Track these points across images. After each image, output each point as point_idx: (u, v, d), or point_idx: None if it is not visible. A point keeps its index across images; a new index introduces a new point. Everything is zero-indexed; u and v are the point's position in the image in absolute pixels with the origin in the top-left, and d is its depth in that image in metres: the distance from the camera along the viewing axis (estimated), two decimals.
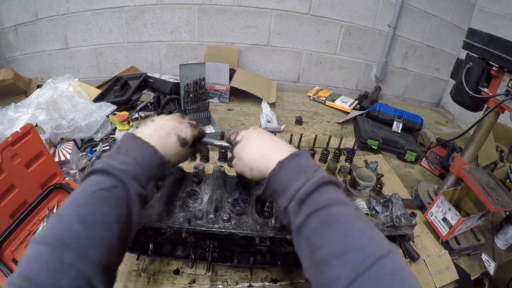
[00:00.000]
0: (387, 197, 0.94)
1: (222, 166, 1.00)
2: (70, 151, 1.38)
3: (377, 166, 1.45)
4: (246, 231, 0.80)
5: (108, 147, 1.49)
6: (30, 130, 1.11)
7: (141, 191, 0.60)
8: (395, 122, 1.87)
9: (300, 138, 1.47)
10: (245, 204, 0.86)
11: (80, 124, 1.48)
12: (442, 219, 1.19)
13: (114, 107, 1.61)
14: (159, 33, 2.22)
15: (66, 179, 1.25)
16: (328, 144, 1.46)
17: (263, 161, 0.66)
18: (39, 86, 1.89)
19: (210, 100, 2.05)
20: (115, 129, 1.37)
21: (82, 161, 1.40)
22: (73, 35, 2.19)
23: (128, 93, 1.84)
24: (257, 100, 2.07)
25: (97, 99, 1.76)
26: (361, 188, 0.88)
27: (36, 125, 1.46)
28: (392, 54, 2.45)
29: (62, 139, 1.48)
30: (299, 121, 1.93)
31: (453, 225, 1.13)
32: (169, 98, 1.72)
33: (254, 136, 0.73)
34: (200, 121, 1.72)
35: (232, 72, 2.16)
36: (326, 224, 0.53)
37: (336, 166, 1.45)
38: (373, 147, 1.73)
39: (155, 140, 0.66)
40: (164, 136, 0.69)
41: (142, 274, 0.99)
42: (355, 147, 1.56)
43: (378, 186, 0.98)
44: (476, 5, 2.33)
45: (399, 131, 1.86)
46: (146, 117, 1.78)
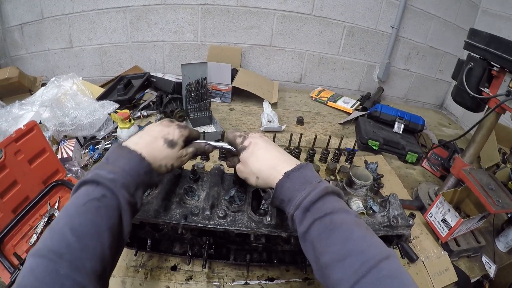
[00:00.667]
0: (385, 197, 0.94)
1: (222, 165, 1.01)
2: (72, 148, 1.40)
3: (377, 166, 1.45)
4: (241, 228, 0.80)
5: (110, 145, 1.51)
6: (33, 127, 1.12)
7: (130, 199, 0.61)
8: (396, 123, 1.87)
9: (300, 138, 1.47)
10: (241, 202, 0.86)
11: (83, 122, 1.50)
12: (442, 220, 1.18)
13: (117, 105, 1.62)
14: (163, 33, 2.24)
15: (68, 175, 1.27)
16: (328, 144, 1.46)
17: (271, 171, 0.68)
18: (43, 84, 1.91)
19: (212, 99, 2.06)
20: (117, 127, 1.38)
21: (84, 159, 1.41)
22: (78, 34, 2.21)
23: (131, 92, 1.86)
24: (259, 100, 2.07)
25: (101, 98, 1.78)
26: (357, 187, 0.88)
27: (40, 122, 1.47)
28: (395, 55, 2.44)
29: (65, 136, 1.49)
30: (300, 121, 1.93)
31: (452, 226, 1.13)
32: (171, 97, 1.73)
33: (261, 144, 0.74)
34: (201, 120, 1.73)
35: (234, 72, 2.17)
36: (329, 230, 0.57)
37: (336, 166, 1.45)
38: (374, 147, 1.72)
39: (142, 147, 0.66)
40: (150, 142, 0.69)
41: (140, 269, 1.00)
42: (356, 148, 1.56)
43: (376, 185, 0.98)
44: (480, 7, 2.32)
45: (401, 132, 1.85)
46: (149, 115, 1.80)
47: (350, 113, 2.12)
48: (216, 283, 0.99)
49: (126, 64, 2.33)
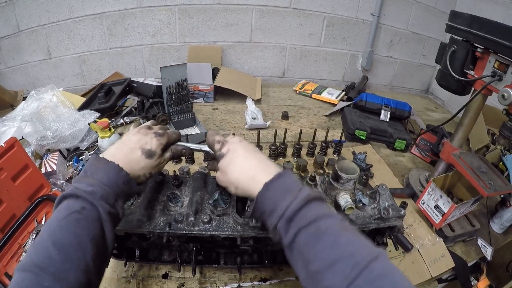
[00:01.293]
0: (375, 188, 0.93)
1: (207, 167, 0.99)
2: (56, 161, 1.37)
3: (365, 156, 1.43)
4: (227, 232, 0.78)
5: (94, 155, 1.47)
6: (14, 143, 1.12)
7: (111, 210, 0.61)
8: (382, 111, 1.86)
9: (285, 134, 1.44)
10: (226, 205, 0.84)
11: (65, 134, 1.46)
12: (434, 207, 1.17)
13: (97, 114, 1.59)
14: (141, 37, 2.20)
15: (54, 189, 1.25)
16: (314, 137, 1.44)
17: (249, 182, 0.67)
18: (24, 98, 1.87)
19: (195, 100, 2.04)
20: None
21: (68, 171, 1.39)
22: (56, 44, 2.17)
23: (112, 99, 1.82)
24: (243, 97, 2.05)
25: (82, 107, 1.74)
26: (344, 181, 0.85)
27: (22, 138, 1.46)
28: (377, 43, 2.44)
29: (48, 150, 1.46)
30: (285, 116, 1.92)
31: (445, 212, 1.12)
32: (152, 102, 1.70)
33: (239, 151, 0.71)
34: (184, 122, 1.71)
35: (216, 71, 2.15)
36: (315, 237, 0.56)
37: (324, 159, 1.43)
38: (362, 137, 1.71)
39: (119, 158, 0.67)
40: (128, 153, 0.69)
41: (132, 280, 0.98)
42: (343, 139, 1.55)
43: (364, 178, 0.96)
44: None
45: (388, 120, 1.84)
46: (131, 122, 1.76)
47: (336, 104, 2.11)
48: None
49: (106, 71, 2.28)
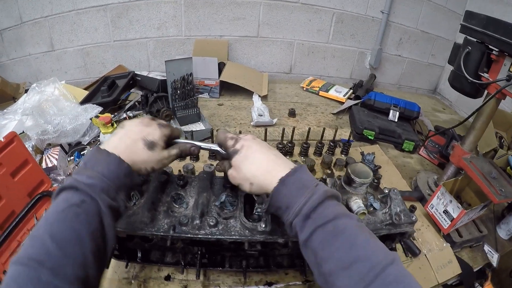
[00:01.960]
0: (385, 192, 0.90)
1: (212, 165, 0.96)
2: (57, 156, 1.35)
3: (374, 157, 1.40)
4: (234, 237, 0.76)
5: None
6: (13, 138, 1.10)
7: (111, 203, 0.59)
8: (391, 111, 1.83)
9: (293, 132, 1.41)
10: (233, 207, 0.81)
11: (66, 128, 1.44)
12: (443, 212, 1.15)
13: (100, 108, 1.56)
14: (146, 30, 2.17)
15: (54, 185, 1.23)
16: (322, 136, 1.41)
17: (266, 176, 0.65)
18: (26, 90, 1.85)
19: (200, 95, 2.01)
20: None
21: (70, 166, 1.37)
22: (59, 36, 2.14)
23: (115, 93, 1.79)
24: (249, 93, 2.03)
25: (84, 101, 1.71)
26: (356, 185, 0.83)
27: (23, 132, 1.43)
28: (386, 41, 2.40)
29: (49, 144, 1.44)
30: (292, 114, 1.89)
31: (454, 217, 1.10)
32: (156, 96, 1.68)
33: (254, 147, 0.69)
34: (189, 118, 1.68)
35: (222, 65, 2.12)
36: (332, 237, 0.56)
37: (332, 159, 1.40)
38: (370, 137, 1.68)
39: (121, 149, 0.64)
40: (130, 144, 0.66)
41: (133, 281, 0.96)
42: (351, 138, 1.52)
43: (375, 181, 0.94)
44: None
45: (396, 120, 1.82)
46: (135, 116, 1.73)
47: (343, 103, 2.08)
48: None
49: (110, 64, 2.26)
